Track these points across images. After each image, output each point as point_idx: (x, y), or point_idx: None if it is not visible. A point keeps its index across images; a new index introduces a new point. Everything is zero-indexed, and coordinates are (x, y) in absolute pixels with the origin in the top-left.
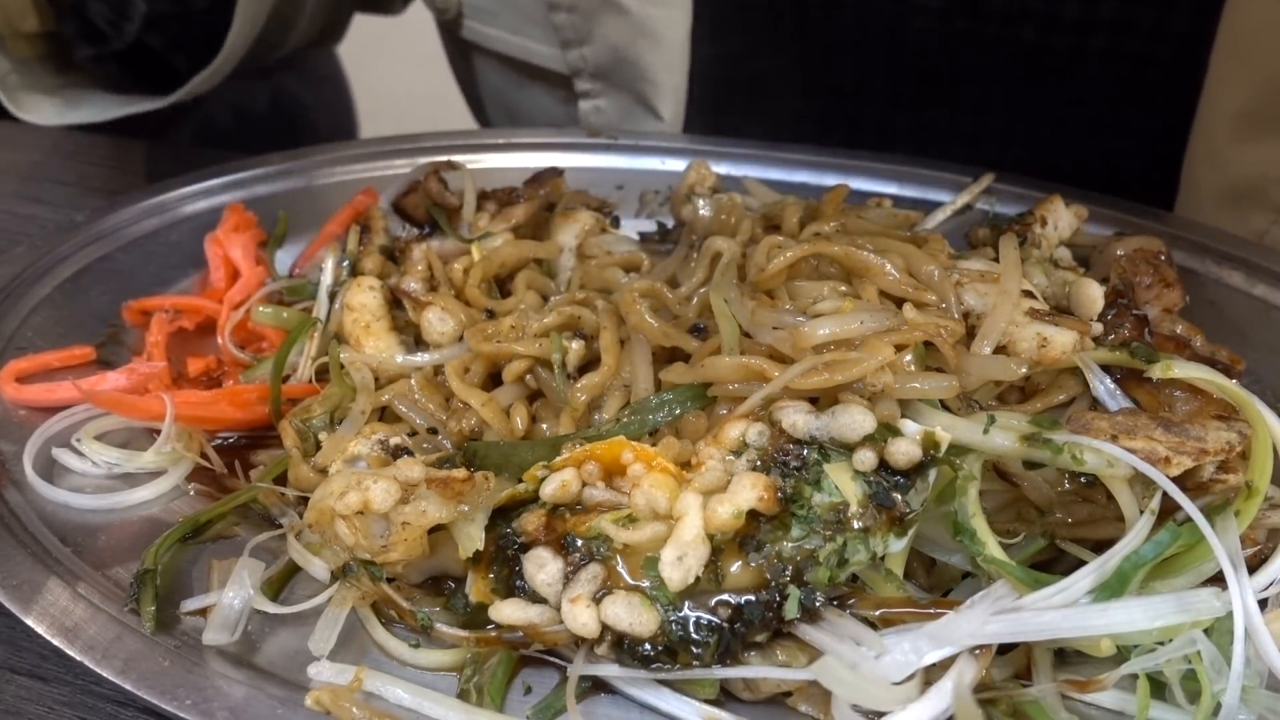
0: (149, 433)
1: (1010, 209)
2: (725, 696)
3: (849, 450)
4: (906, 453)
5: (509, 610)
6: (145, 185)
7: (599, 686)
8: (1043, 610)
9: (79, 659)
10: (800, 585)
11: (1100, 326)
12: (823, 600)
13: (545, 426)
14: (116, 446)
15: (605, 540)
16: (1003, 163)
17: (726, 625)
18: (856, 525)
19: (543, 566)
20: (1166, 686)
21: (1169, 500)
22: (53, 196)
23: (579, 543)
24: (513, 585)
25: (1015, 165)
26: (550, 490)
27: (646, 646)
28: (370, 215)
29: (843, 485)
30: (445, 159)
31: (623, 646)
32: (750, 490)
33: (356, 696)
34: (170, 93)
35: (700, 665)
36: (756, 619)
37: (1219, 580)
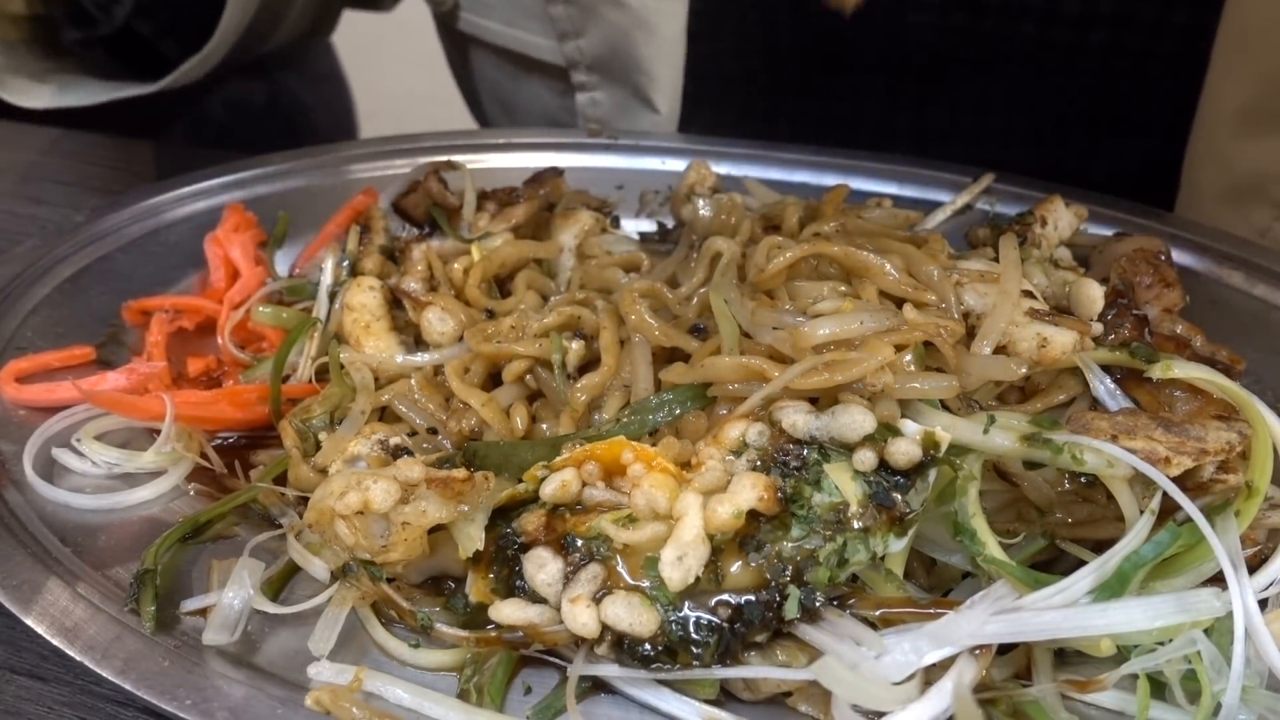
0: (149, 433)
1: (1010, 209)
2: (725, 696)
3: (849, 450)
4: (906, 453)
5: (509, 610)
6: (145, 185)
7: (599, 686)
8: (1043, 610)
9: (79, 659)
10: (800, 585)
11: (1100, 326)
12: (823, 600)
13: (545, 426)
14: (116, 446)
15: (605, 540)
16: (1003, 162)
17: (726, 625)
18: (856, 525)
19: (543, 566)
20: (1166, 686)
21: (1169, 500)
22: (53, 196)
23: (579, 543)
24: (513, 585)
25: (1015, 165)
26: (550, 490)
27: (646, 646)
28: (370, 215)
29: (843, 485)
30: (445, 159)
31: (623, 646)
32: (750, 490)
33: (356, 696)
34: (158, 79)
35: (700, 665)
36: (756, 619)
37: (1219, 580)
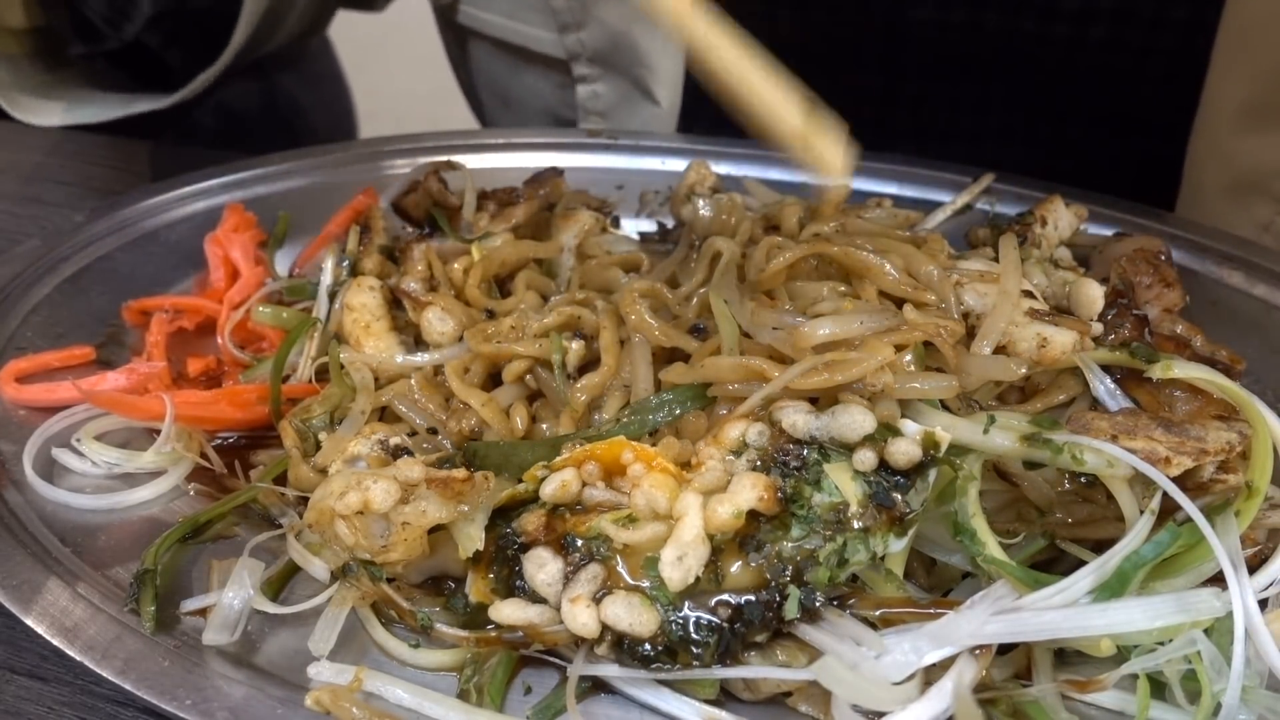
0: (149, 433)
1: (1010, 209)
2: (725, 696)
3: (849, 450)
4: (906, 452)
5: (509, 610)
6: (145, 185)
7: (599, 686)
8: (1043, 610)
9: (79, 659)
10: (800, 585)
11: (1100, 326)
12: (823, 600)
13: (545, 426)
14: (116, 446)
15: (605, 540)
16: (1003, 161)
17: (726, 625)
18: (856, 525)
19: (542, 566)
20: (1166, 686)
21: (1169, 500)
22: (53, 196)
23: (579, 543)
24: (512, 585)
25: (1015, 164)
26: (550, 490)
27: (646, 646)
28: (370, 215)
29: (843, 485)
30: (445, 159)
31: (623, 646)
32: (750, 490)
33: (356, 696)
34: (165, 88)
35: (700, 665)
36: (756, 619)
37: (1219, 580)
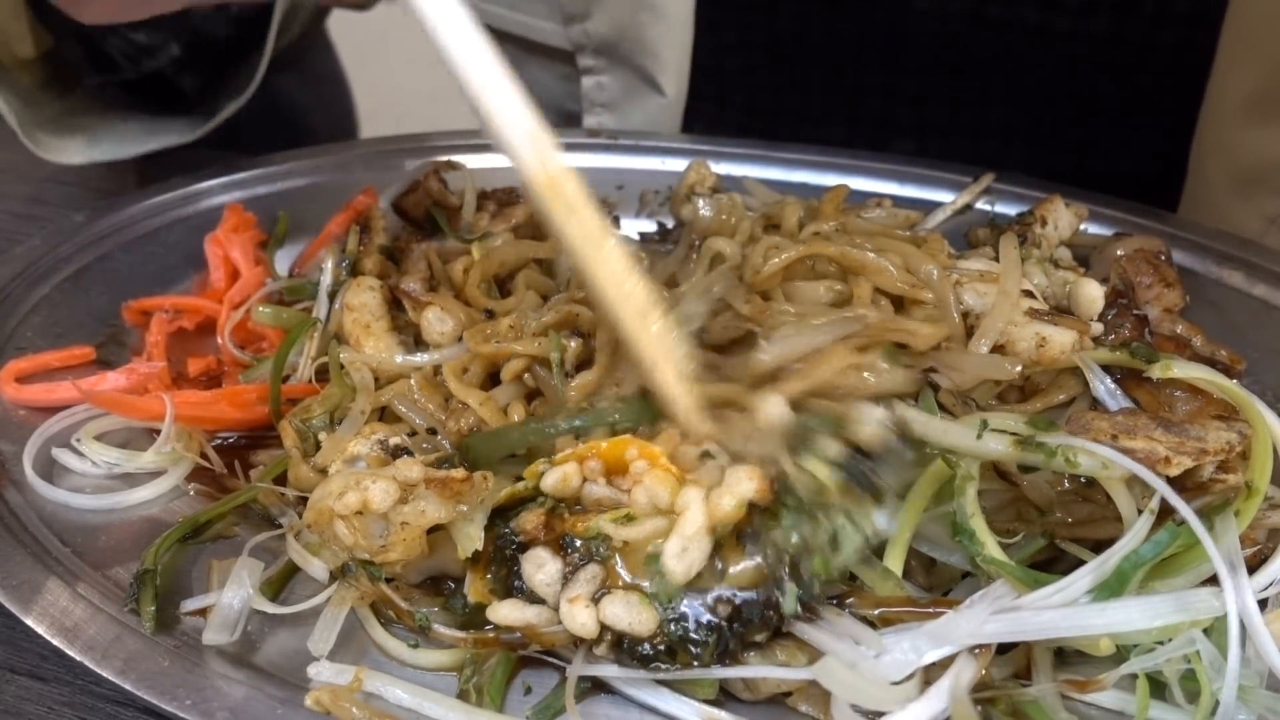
0: (149, 433)
1: (1010, 209)
2: (725, 696)
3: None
4: (872, 437)
5: (507, 611)
6: (145, 185)
7: (598, 687)
8: (1042, 610)
9: (79, 659)
10: (797, 580)
11: (1100, 326)
12: (820, 590)
13: None
14: (116, 446)
15: (604, 540)
16: (1003, 160)
17: (725, 624)
18: (839, 507)
19: (541, 566)
20: (1166, 686)
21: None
22: (53, 196)
23: (577, 543)
24: (511, 585)
25: (1016, 162)
26: (551, 483)
27: (645, 646)
28: (370, 215)
29: (819, 474)
30: (445, 159)
31: (622, 646)
32: (749, 481)
33: (356, 696)
34: (178, 110)
35: (699, 665)
36: (755, 617)
37: (1219, 580)
